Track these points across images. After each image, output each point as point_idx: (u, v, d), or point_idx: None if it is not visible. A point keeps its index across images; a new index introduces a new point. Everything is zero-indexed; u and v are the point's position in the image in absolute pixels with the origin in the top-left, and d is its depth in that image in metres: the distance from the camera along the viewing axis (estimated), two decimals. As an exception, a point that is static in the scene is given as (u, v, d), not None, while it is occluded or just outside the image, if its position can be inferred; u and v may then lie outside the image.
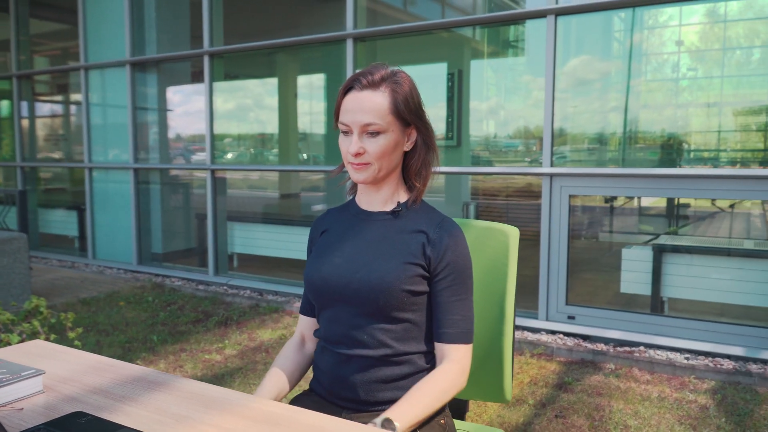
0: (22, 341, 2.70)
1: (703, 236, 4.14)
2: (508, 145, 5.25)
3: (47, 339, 2.74)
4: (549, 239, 4.03)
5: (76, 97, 6.87)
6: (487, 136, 5.49)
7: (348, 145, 1.31)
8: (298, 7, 7.42)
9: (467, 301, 1.33)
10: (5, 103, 7.55)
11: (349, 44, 4.71)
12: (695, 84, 4.10)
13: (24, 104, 7.32)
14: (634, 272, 4.03)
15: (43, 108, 7.81)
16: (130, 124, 6.10)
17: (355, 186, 1.49)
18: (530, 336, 3.96)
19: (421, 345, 1.34)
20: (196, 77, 6.06)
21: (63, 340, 2.99)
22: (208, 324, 4.37)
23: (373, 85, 1.30)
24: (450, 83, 5.64)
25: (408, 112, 1.32)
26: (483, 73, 5.54)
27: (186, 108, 6.49)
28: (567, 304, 4.04)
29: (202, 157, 5.90)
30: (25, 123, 7.38)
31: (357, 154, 1.30)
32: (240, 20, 6.94)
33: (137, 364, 3.57)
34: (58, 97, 7.80)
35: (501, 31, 5.00)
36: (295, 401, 1.41)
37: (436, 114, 6.44)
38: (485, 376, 1.72)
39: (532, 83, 4.69)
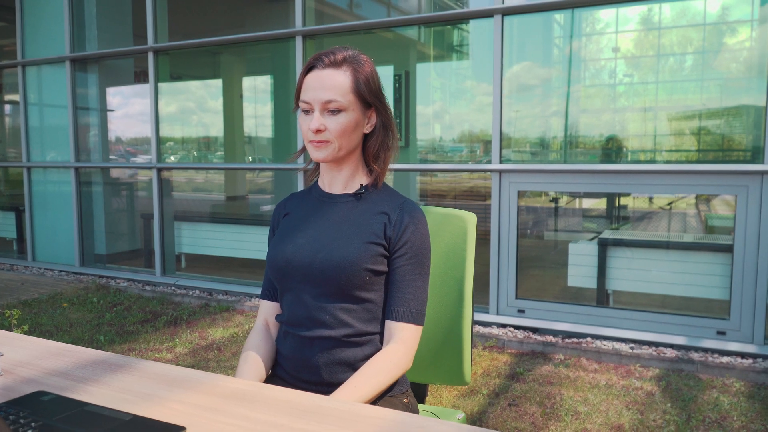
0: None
1: (644, 232, 4.32)
2: (454, 149, 5.35)
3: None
4: (499, 235, 4.12)
5: (13, 96, 6.59)
6: (433, 139, 5.57)
7: (309, 122, 1.32)
8: (245, 7, 7.36)
9: (421, 282, 1.35)
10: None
11: (299, 41, 4.71)
12: (631, 89, 4.28)
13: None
14: (580, 266, 4.16)
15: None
16: (71, 122, 5.90)
17: (316, 170, 1.50)
18: (482, 329, 4.04)
19: (381, 326, 1.36)
20: (140, 78, 5.94)
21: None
22: (157, 324, 4.27)
23: (335, 64, 1.32)
24: (397, 85, 5.71)
25: (369, 92, 1.34)
26: (429, 76, 5.63)
27: (129, 109, 6.35)
28: (517, 298, 4.14)
29: (147, 158, 5.76)
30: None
31: (317, 131, 1.31)
32: (185, 19, 6.83)
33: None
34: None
35: (446, 34, 5.11)
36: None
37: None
38: (445, 360, 1.76)
39: (477, 88, 4.80)
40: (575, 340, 3.80)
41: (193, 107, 6.57)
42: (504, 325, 4.09)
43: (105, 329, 4.14)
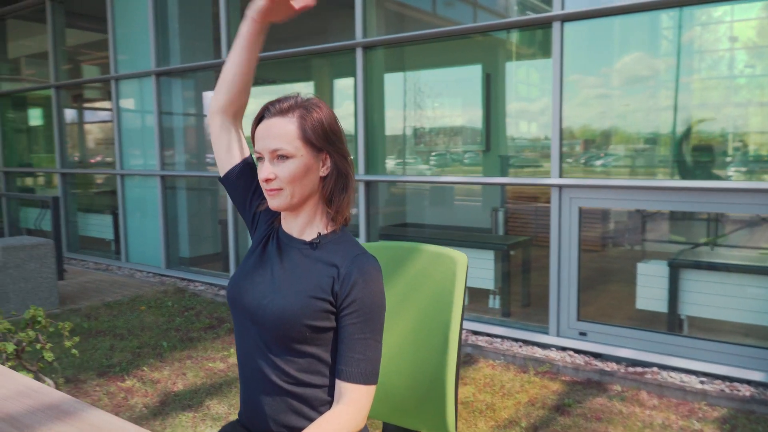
0: (18, 351, 2.78)
1: (725, 251, 3.93)
2: (546, 146, 5.12)
3: (43, 347, 2.82)
4: (559, 252, 3.90)
5: (109, 105, 7.08)
6: (523, 137, 5.38)
7: (260, 172, 1.31)
8: (325, 13, 7.46)
9: (372, 341, 1.29)
10: (40, 112, 7.88)
11: (359, 53, 4.69)
12: (754, 82, 3.81)
13: (62, 113, 7.60)
14: (650, 288, 3.85)
15: (82, 116, 8.11)
16: (156, 132, 6.25)
17: None
18: (539, 352, 3.84)
19: (326, 379, 1.31)
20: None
21: (61, 348, 3.08)
22: (220, 331, 4.42)
23: (282, 113, 1.31)
24: (485, 84, 5.60)
25: (317, 137, 1.31)
26: (519, 73, 5.43)
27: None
28: (579, 319, 3.90)
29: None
30: (64, 131, 7.66)
31: (267, 180, 1.30)
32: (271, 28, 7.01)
33: (143, 370, 3.65)
34: (95, 106, 8.08)
35: (537, 31, 4.88)
36: (222, 431, 1.43)
37: (465, 118, 6.36)
38: (429, 407, 1.67)
39: (581, 81, 4.45)
40: (639, 369, 3.52)
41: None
42: (564, 348, 3.87)
43: (171, 335, 4.35)
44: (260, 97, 6.99)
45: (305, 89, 7.26)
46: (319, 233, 1.37)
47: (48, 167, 8.26)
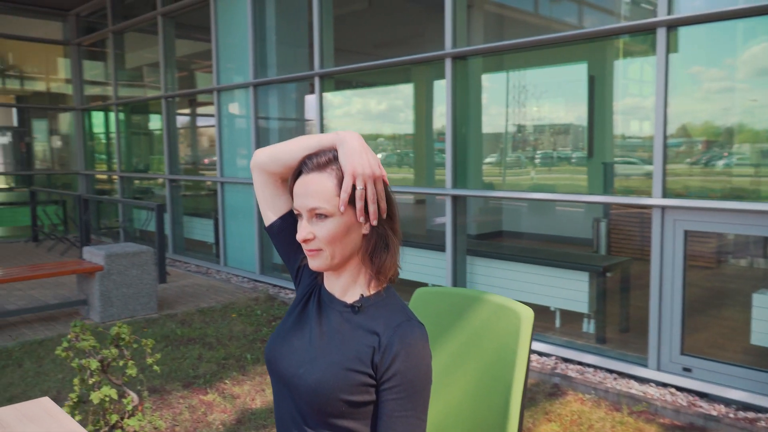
0: (103, 366, 2.89)
1: None
2: (671, 144, 4.73)
3: (125, 363, 2.92)
4: (660, 279, 3.56)
5: (209, 113, 7.38)
6: (631, 143, 5.02)
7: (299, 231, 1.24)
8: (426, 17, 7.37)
9: (414, 419, 1.17)
10: (155, 119, 8.36)
11: (448, 64, 4.53)
12: None
13: (172, 121, 8.01)
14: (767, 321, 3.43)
15: (194, 122, 8.53)
16: (253, 141, 6.42)
17: None
18: (635, 387, 3.53)
19: None
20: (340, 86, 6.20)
21: (144, 365, 3.18)
22: (303, 344, 4.44)
23: (320, 167, 1.22)
24: (588, 87, 5.30)
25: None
26: (625, 73, 5.09)
27: (306, 122, 6.69)
28: (683, 353, 3.55)
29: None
30: (176, 137, 8.08)
31: (305, 240, 1.22)
32: (354, 35, 7.04)
33: (225, 383, 3.72)
34: (202, 112, 8.46)
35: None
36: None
37: (567, 122, 6.04)
38: (486, 478, 1.52)
39: (703, 74, 4.04)
40: (751, 415, 3.14)
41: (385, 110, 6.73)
42: (664, 384, 3.53)
43: (256, 346, 4.42)
44: (364, 97, 7.00)
45: (405, 91, 7.22)
46: (362, 295, 1.26)
47: (159, 173, 8.76)
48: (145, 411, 2.97)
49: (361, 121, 6.68)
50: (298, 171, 1.25)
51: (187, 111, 9.07)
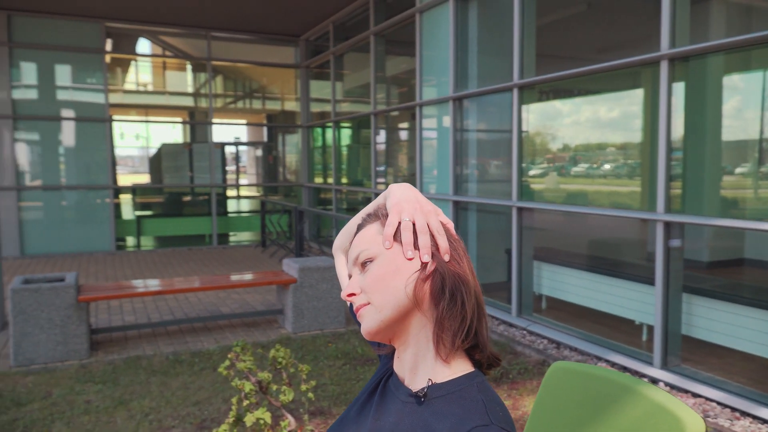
0: (262, 388, 2.91)
1: None
2: None
3: (279, 387, 2.91)
4: None
5: (428, 127, 7.39)
6: None
7: None
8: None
9: None
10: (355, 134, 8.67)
11: (664, 66, 3.84)
12: None
13: (377, 136, 8.25)
14: None
15: (390, 138, 8.69)
16: (451, 158, 6.25)
17: None
18: None
19: None
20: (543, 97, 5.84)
21: (297, 390, 3.14)
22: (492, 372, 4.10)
23: (370, 218, 1.04)
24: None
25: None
26: None
27: (501, 137, 6.33)
28: None
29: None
30: (389, 152, 8.30)
31: (350, 295, 0.99)
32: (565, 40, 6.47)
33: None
34: (403, 129, 8.56)
35: None
36: None
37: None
38: None
39: None
40: None
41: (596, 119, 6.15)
42: None
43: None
44: (589, 105, 6.44)
45: (632, 97, 6.45)
46: (430, 380, 0.95)
47: (357, 186, 9.08)
48: (302, 435, 2.93)
49: (584, 130, 6.10)
50: (360, 225, 1.05)
51: (402, 125, 9.29)
